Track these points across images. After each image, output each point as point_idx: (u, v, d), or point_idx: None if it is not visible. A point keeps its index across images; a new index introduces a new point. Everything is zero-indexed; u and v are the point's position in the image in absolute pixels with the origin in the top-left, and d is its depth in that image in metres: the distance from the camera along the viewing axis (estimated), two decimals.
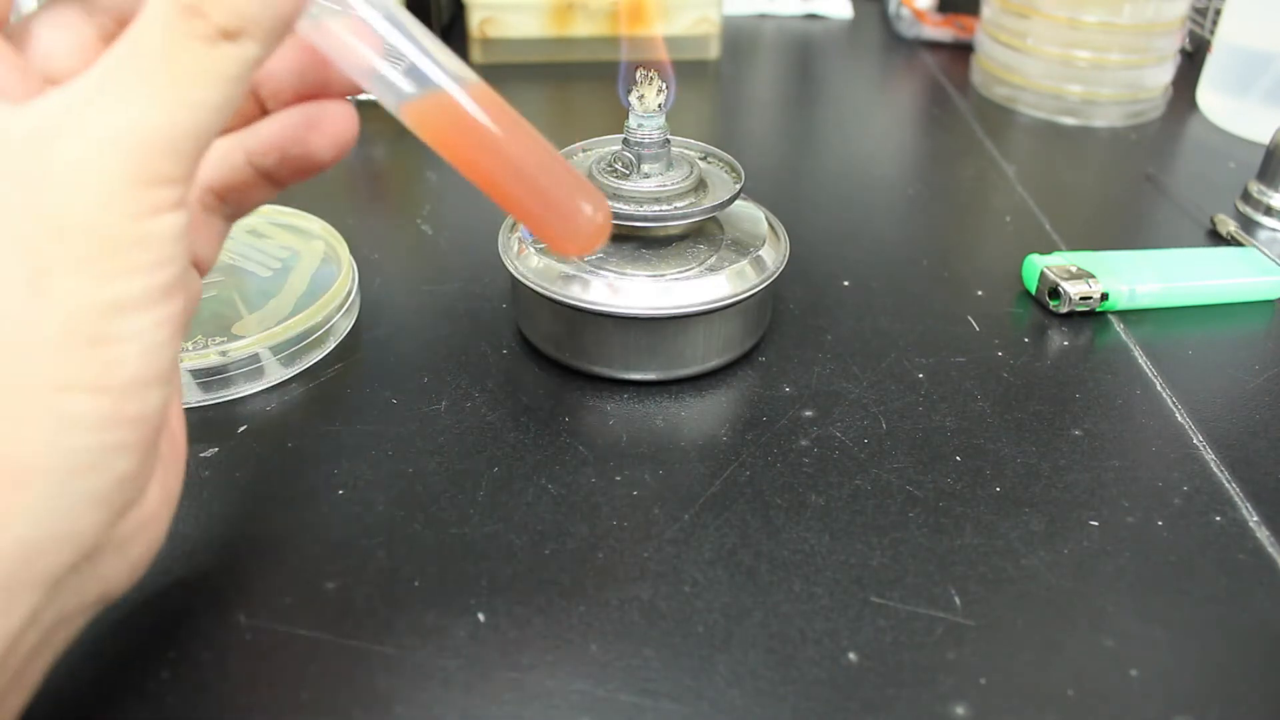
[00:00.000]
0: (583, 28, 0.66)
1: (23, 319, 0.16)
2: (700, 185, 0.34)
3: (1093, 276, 0.39)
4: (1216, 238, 0.46)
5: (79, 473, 0.17)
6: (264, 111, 0.23)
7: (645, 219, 0.32)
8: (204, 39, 0.17)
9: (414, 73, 0.22)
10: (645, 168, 0.33)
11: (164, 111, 0.17)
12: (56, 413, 0.16)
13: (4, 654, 0.17)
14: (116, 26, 0.22)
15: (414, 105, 0.22)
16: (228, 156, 0.23)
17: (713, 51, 0.69)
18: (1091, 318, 0.39)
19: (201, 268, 0.24)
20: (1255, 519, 0.29)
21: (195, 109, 0.17)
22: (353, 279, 0.38)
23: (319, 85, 0.23)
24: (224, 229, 0.24)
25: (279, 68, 0.23)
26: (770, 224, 0.36)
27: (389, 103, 0.22)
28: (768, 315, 0.37)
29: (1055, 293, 0.39)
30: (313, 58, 0.23)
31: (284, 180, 0.24)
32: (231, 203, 0.24)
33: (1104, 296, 0.38)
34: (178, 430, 0.22)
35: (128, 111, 0.17)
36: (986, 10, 0.65)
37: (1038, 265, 0.40)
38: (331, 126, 0.23)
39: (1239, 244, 0.44)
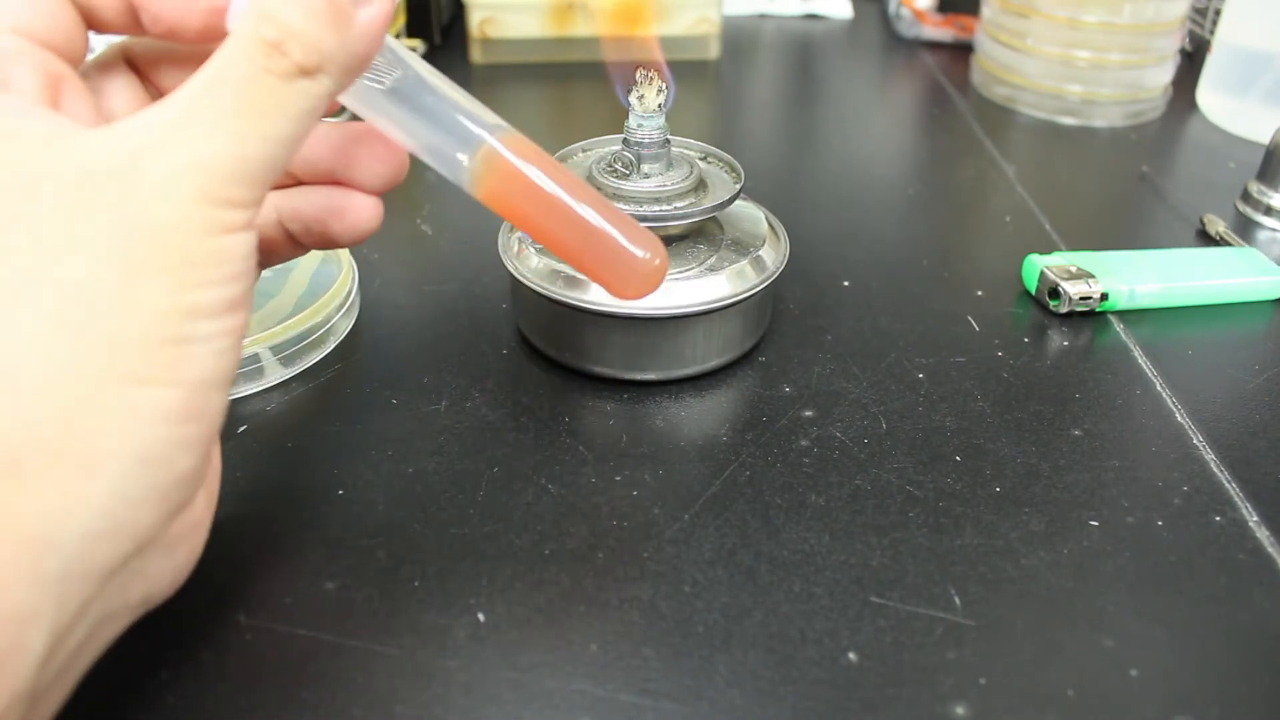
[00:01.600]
0: (583, 28, 0.66)
1: (112, 317, 0.17)
2: (700, 185, 0.34)
3: (1092, 276, 0.39)
4: (1206, 238, 0.46)
5: (147, 465, 0.18)
6: (298, 182, 0.25)
7: (645, 219, 0.32)
8: (283, 74, 0.19)
9: (471, 141, 0.23)
10: (645, 168, 0.33)
11: (239, 142, 0.18)
12: (135, 404, 0.17)
13: (54, 646, 0.17)
14: (160, 93, 0.24)
15: (478, 174, 0.23)
16: (262, 213, 0.24)
17: (713, 51, 0.69)
18: (1091, 318, 0.39)
19: None
20: (1255, 519, 0.29)
21: (267, 141, 0.19)
22: (353, 279, 0.38)
23: (349, 174, 0.25)
24: (255, 272, 0.25)
25: (313, 144, 0.24)
26: (770, 224, 0.36)
27: (451, 174, 0.24)
28: (768, 315, 0.37)
29: (1055, 293, 0.39)
30: (348, 145, 0.24)
31: (307, 247, 0.26)
32: (263, 253, 0.25)
33: (1104, 296, 0.38)
34: (215, 452, 0.24)
35: (207, 142, 0.18)
36: (986, 10, 0.65)
37: (1037, 265, 0.40)
38: (354, 217, 0.25)
39: (1228, 244, 0.44)
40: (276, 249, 0.25)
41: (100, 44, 0.23)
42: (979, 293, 0.41)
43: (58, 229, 0.17)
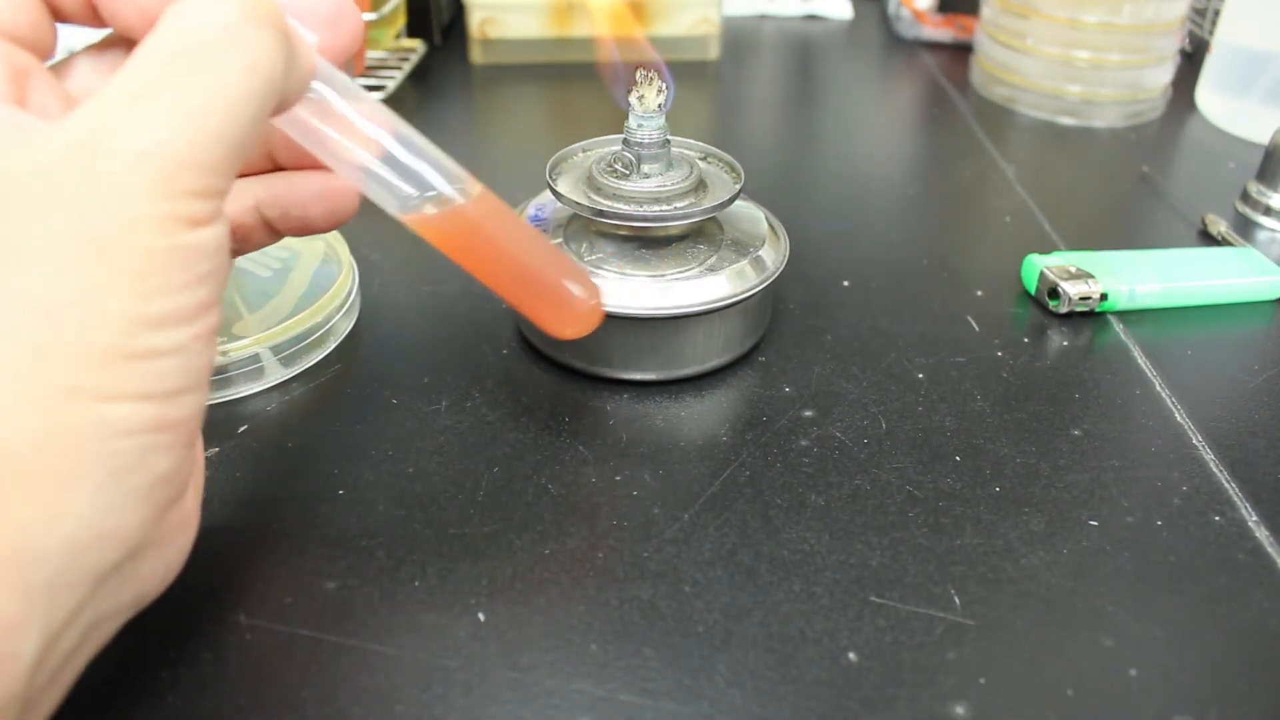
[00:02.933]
0: (583, 28, 0.66)
1: (72, 331, 0.16)
2: (700, 185, 0.34)
3: (1092, 276, 0.39)
4: (1208, 238, 0.46)
5: (122, 473, 0.17)
6: (277, 167, 0.25)
7: (645, 219, 0.32)
8: (260, 21, 0.18)
9: (414, 179, 0.23)
10: (645, 168, 0.33)
11: (195, 123, 0.17)
12: (102, 420, 0.17)
13: (45, 651, 0.17)
14: None
15: (420, 213, 0.23)
16: (238, 198, 0.24)
17: (713, 52, 0.69)
18: (1091, 318, 0.39)
19: None
20: (1254, 519, 0.29)
21: (228, 120, 0.17)
22: (353, 279, 0.38)
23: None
24: (229, 264, 0.25)
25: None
26: (770, 224, 0.36)
27: (389, 206, 0.23)
28: (768, 315, 0.37)
29: (1055, 293, 0.39)
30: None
31: (284, 233, 0.25)
32: (236, 240, 0.25)
33: (1103, 296, 0.38)
34: (198, 444, 0.23)
35: (166, 119, 0.17)
36: (986, 10, 0.65)
37: (1037, 265, 0.40)
38: (334, 201, 0.24)
39: (1230, 244, 0.45)
40: (250, 235, 0.24)
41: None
42: (979, 293, 0.41)
43: (15, 236, 0.16)
